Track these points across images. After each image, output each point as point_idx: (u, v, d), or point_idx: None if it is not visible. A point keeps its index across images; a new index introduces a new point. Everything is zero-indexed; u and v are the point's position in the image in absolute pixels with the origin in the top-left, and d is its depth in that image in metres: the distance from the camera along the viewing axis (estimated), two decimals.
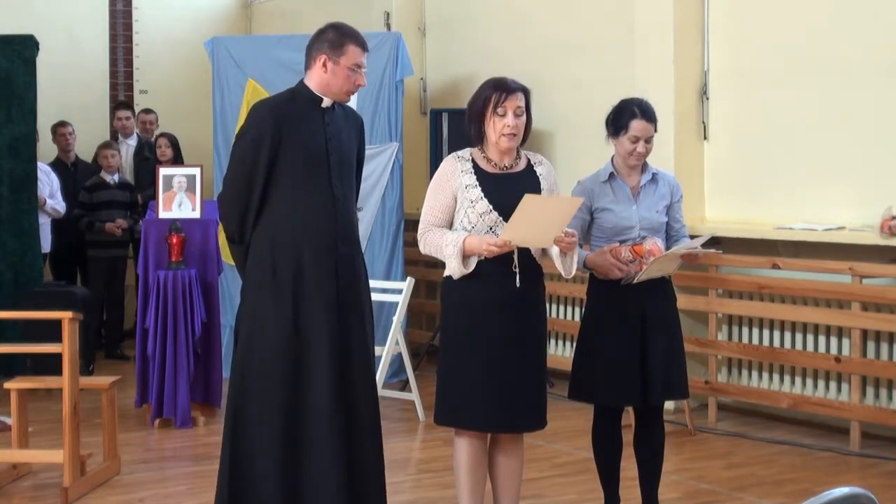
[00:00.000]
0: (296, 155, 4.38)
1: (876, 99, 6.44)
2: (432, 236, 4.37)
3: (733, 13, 7.18)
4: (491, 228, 4.31)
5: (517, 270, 4.33)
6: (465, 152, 4.46)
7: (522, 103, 4.36)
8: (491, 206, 4.31)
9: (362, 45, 4.43)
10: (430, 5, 9.52)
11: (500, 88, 4.34)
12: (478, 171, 4.38)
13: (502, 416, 4.38)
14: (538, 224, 4.23)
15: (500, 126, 4.33)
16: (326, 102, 4.46)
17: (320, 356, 4.35)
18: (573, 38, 8.20)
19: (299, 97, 4.46)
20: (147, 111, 10.17)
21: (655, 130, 4.80)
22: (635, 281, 4.62)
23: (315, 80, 4.44)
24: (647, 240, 4.67)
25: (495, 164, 4.41)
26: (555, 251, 4.40)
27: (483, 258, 4.29)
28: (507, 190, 4.32)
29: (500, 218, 4.30)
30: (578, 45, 8.15)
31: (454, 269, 4.30)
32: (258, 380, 4.37)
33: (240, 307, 4.52)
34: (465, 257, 4.30)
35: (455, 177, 4.37)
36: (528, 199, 4.14)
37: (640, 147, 4.73)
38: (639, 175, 4.82)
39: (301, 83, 4.50)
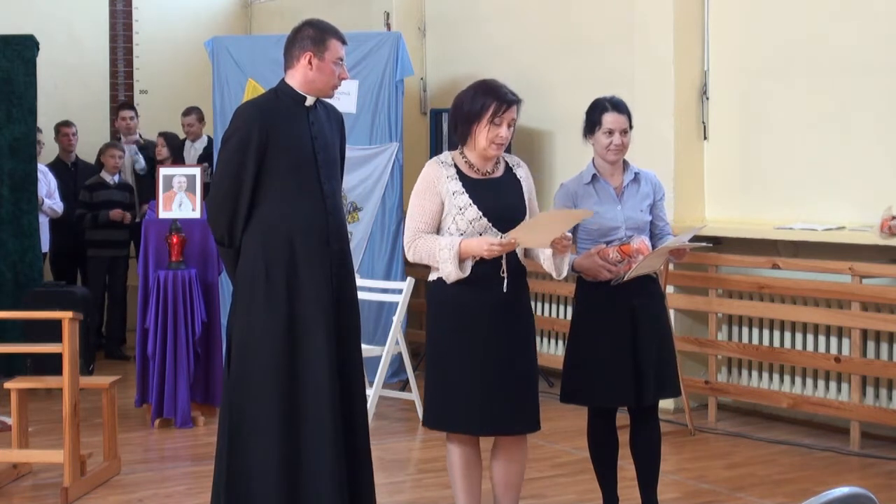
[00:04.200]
0: (283, 155, 4.37)
1: (876, 99, 6.44)
2: (423, 242, 4.33)
3: (733, 13, 7.18)
4: (480, 234, 4.32)
5: (505, 275, 4.34)
6: (447, 157, 4.45)
7: (516, 115, 4.39)
8: (481, 213, 4.31)
9: (342, 39, 4.46)
10: (429, 5, 9.52)
11: (501, 99, 4.32)
12: (462, 176, 4.38)
13: (494, 419, 4.37)
14: (544, 229, 4.29)
15: (492, 135, 4.33)
16: (310, 101, 4.46)
17: (317, 359, 4.35)
18: (573, 38, 8.21)
19: (283, 97, 4.46)
20: (187, 112, 9.65)
21: (630, 126, 4.77)
22: (625, 279, 4.62)
23: (299, 78, 4.44)
24: (633, 239, 4.66)
25: (477, 169, 4.41)
26: (547, 252, 4.42)
27: (474, 262, 4.29)
28: (492, 195, 4.35)
29: (490, 223, 4.31)
30: (578, 45, 8.15)
31: (450, 273, 4.28)
32: (254, 383, 4.36)
33: (231, 309, 4.51)
34: (460, 261, 4.29)
35: (441, 182, 4.35)
36: (548, 212, 4.27)
37: (616, 139, 4.72)
38: (621, 175, 4.82)
39: (283, 83, 4.49)
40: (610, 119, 4.73)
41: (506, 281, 4.34)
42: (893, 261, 6.22)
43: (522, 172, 4.52)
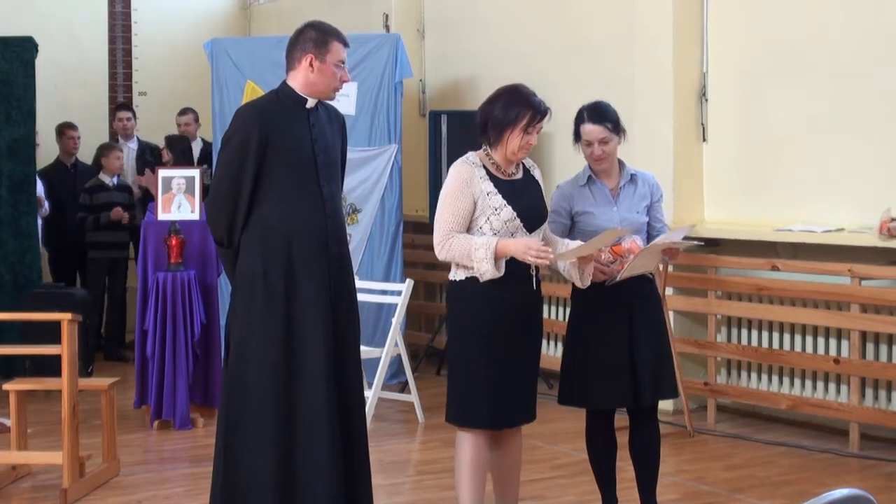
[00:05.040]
0: (283, 157, 4.37)
1: (875, 100, 6.44)
2: (458, 241, 4.36)
3: (733, 14, 7.18)
4: (512, 234, 4.40)
5: (534, 273, 4.46)
6: (475, 158, 4.50)
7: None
8: (515, 214, 4.39)
9: (344, 42, 4.47)
10: (428, 6, 9.52)
11: (536, 110, 4.43)
12: (492, 177, 4.45)
13: (517, 412, 4.51)
14: (585, 249, 4.48)
15: (524, 143, 4.44)
16: (311, 103, 4.46)
17: (315, 361, 4.34)
18: (572, 40, 8.21)
19: (284, 99, 4.46)
20: (184, 112, 9.65)
21: (616, 132, 4.76)
22: (618, 279, 4.62)
23: (300, 80, 4.44)
24: (624, 238, 4.66)
25: (503, 170, 4.49)
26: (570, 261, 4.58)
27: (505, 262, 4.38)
28: (521, 196, 4.47)
29: (521, 224, 4.40)
30: (578, 46, 8.15)
31: (486, 271, 4.32)
32: (251, 384, 4.36)
33: (230, 311, 4.51)
34: (495, 260, 4.35)
35: (475, 183, 4.40)
36: (591, 242, 4.49)
37: (597, 150, 4.74)
38: (617, 176, 4.83)
39: (284, 84, 4.49)
40: (587, 130, 4.76)
41: (534, 279, 4.47)
42: (892, 262, 6.22)
43: (538, 173, 4.64)
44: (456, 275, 4.46)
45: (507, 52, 8.67)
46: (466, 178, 4.40)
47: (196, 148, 9.55)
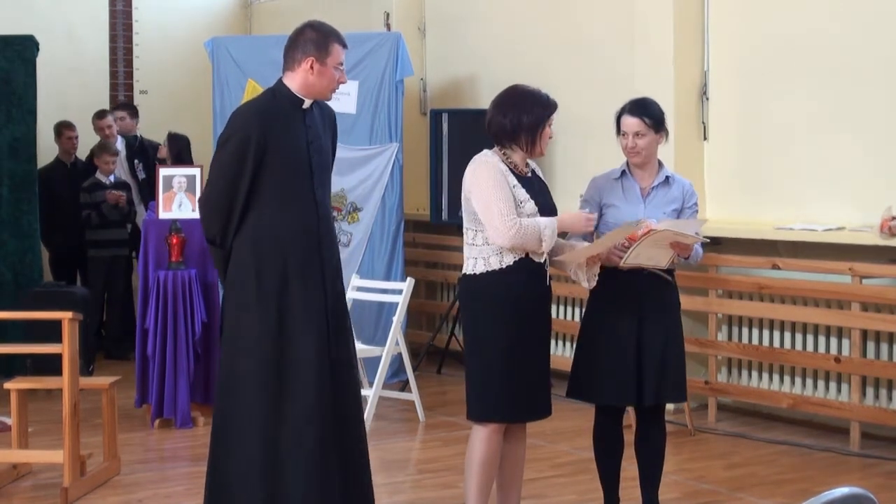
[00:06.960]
0: (279, 159, 4.35)
1: (876, 99, 6.44)
2: (528, 224, 4.39)
3: (733, 13, 7.18)
4: None
5: (548, 268, 4.57)
6: (493, 155, 4.54)
7: None
8: (538, 209, 4.47)
9: (343, 43, 4.46)
10: (430, 5, 9.52)
11: (554, 105, 4.62)
12: (513, 172, 4.51)
13: (535, 405, 4.57)
14: (608, 241, 4.58)
15: (546, 137, 4.56)
16: (307, 104, 4.45)
17: (307, 363, 4.33)
18: (573, 39, 8.20)
19: (280, 99, 4.44)
20: (101, 115, 9.68)
21: (654, 128, 4.80)
22: (621, 264, 4.61)
23: (298, 81, 4.41)
24: (640, 223, 4.63)
25: (520, 169, 4.55)
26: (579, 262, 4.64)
27: (524, 256, 4.46)
28: (538, 193, 4.56)
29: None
30: (578, 45, 8.15)
31: (546, 249, 4.44)
32: (240, 387, 4.35)
33: (222, 314, 4.49)
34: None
35: (504, 172, 4.47)
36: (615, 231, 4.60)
37: (630, 142, 4.79)
38: (653, 176, 4.85)
39: (280, 84, 4.46)
40: (624, 122, 4.82)
41: (547, 275, 4.57)
42: (893, 261, 6.22)
43: (541, 174, 4.72)
44: (475, 268, 4.49)
45: (507, 50, 8.67)
46: (497, 167, 4.47)
47: (121, 146, 9.55)
